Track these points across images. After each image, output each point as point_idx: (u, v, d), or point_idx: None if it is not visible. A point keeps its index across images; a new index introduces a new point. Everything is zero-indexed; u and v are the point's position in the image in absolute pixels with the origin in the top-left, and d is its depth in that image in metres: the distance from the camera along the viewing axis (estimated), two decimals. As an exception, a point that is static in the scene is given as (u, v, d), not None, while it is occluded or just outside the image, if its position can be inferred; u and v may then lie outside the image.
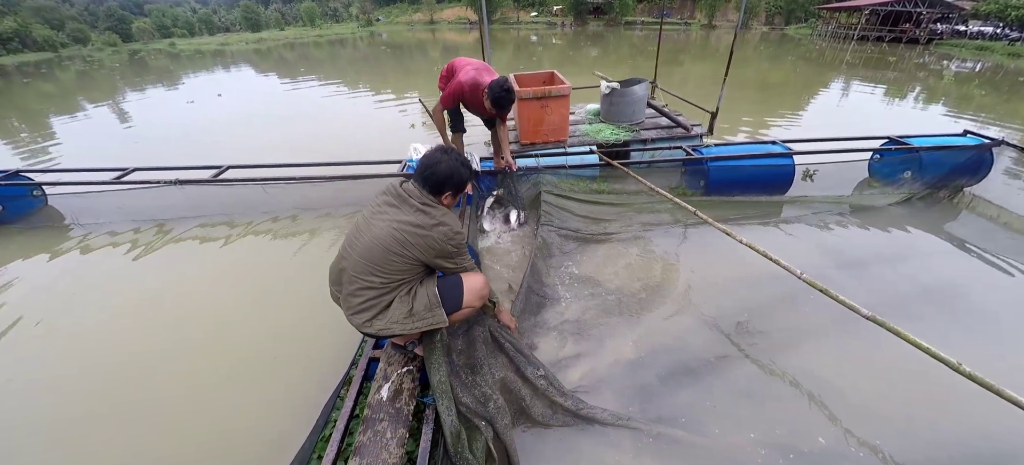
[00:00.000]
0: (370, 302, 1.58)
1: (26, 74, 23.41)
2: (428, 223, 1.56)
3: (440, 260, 1.65)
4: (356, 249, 1.59)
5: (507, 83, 2.79)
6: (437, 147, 1.68)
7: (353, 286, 1.59)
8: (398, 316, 1.60)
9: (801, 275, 2.13)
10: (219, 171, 3.96)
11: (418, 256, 1.58)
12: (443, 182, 1.62)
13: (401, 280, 1.61)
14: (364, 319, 1.60)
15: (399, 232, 1.54)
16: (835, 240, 3.38)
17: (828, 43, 24.66)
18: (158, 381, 2.32)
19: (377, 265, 1.55)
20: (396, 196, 1.62)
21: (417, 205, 1.58)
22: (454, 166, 1.63)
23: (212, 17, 60.31)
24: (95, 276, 3.31)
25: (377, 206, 1.65)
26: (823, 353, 2.26)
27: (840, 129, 4.84)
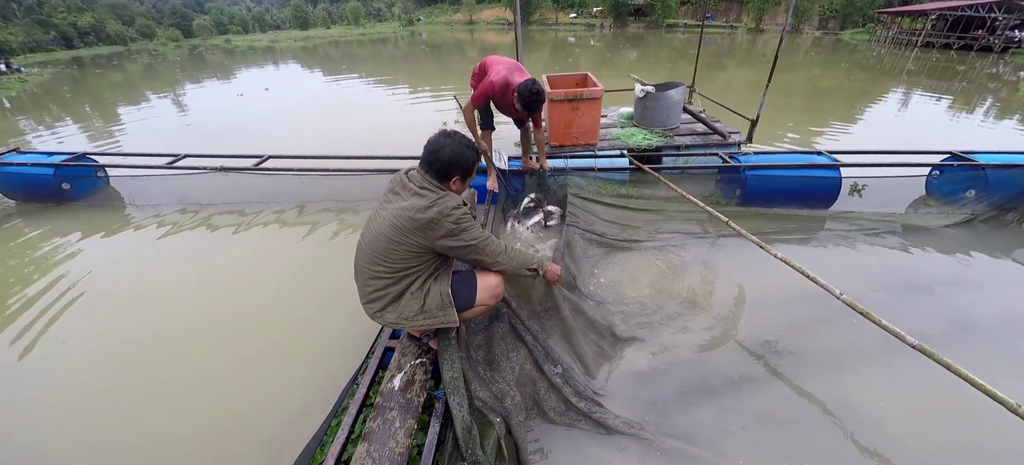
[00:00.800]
0: (379, 292, 1.59)
1: (99, 65, 25.54)
2: (422, 205, 1.50)
3: (444, 241, 1.56)
4: (365, 240, 1.61)
5: (536, 85, 2.76)
6: (440, 131, 1.61)
7: (363, 276, 1.61)
8: (409, 312, 1.60)
9: (841, 295, 2.00)
10: (260, 160, 4.16)
11: (419, 241, 1.53)
12: (449, 166, 1.56)
13: (407, 269, 1.58)
14: (375, 308, 1.62)
15: (397, 219, 1.51)
16: (884, 261, 3.14)
17: (888, 49, 23.07)
18: (189, 358, 2.46)
19: (382, 255, 1.55)
20: (400, 185, 1.60)
21: (415, 189, 1.55)
22: (458, 149, 1.57)
23: (265, 15, 63.63)
24: (145, 254, 3.55)
25: (384, 198, 1.64)
26: (861, 382, 2.10)
27: (895, 142, 4.51)
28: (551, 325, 1.99)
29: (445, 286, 1.65)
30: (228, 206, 4.22)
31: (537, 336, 1.96)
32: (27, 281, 3.18)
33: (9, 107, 12.40)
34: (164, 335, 2.63)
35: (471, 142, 1.62)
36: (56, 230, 3.91)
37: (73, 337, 2.62)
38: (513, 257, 1.75)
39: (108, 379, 2.33)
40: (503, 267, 1.74)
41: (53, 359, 2.46)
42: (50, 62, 30.26)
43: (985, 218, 3.64)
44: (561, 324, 2.05)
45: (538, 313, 1.93)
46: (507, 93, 2.91)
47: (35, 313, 2.82)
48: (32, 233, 3.89)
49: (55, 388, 2.28)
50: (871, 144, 4.34)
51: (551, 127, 4.16)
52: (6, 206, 4.36)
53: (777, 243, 3.40)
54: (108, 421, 2.09)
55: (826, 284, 2.06)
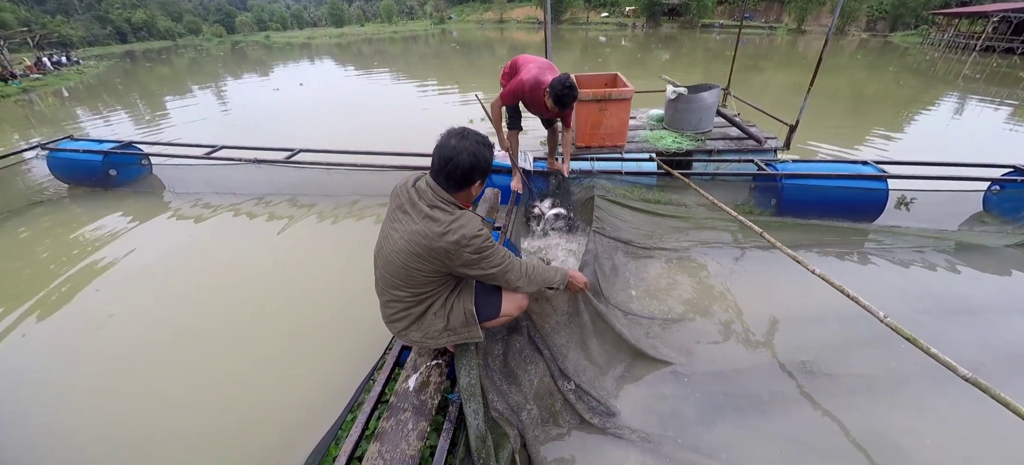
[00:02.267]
0: (402, 313, 1.54)
1: (149, 59, 27.03)
2: (435, 232, 1.35)
3: (463, 269, 1.45)
4: (380, 260, 1.52)
5: (569, 79, 2.70)
6: (448, 133, 1.42)
7: (384, 297, 1.55)
8: (434, 330, 1.55)
9: (884, 318, 1.85)
10: (291, 153, 4.28)
11: (438, 267, 1.43)
12: (469, 172, 1.39)
13: (428, 291, 1.51)
14: (399, 328, 1.57)
15: (411, 245, 1.38)
16: (932, 282, 2.92)
17: (941, 53, 21.62)
18: (217, 344, 2.54)
19: (399, 279, 1.46)
20: (408, 201, 1.43)
21: (426, 210, 1.38)
22: (475, 150, 1.39)
23: (302, 13, 65.80)
24: (181, 239, 3.71)
25: (391, 213, 1.50)
26: (902, 412, 1.95)
27: (948, 153, 4.20)
28: (571, 332, 1.94)
29: (469, 303, 1.58)
30: (260, 196, 4.37)
31: (554, 352, 1.91)
32: (66, 260, 3.38)
33: (68, 97, 13.30)
34: (195, 321, 2.73)
35: (485, 139, 1.46)
36: (100, 212, 4.15)
37: (113, 312, 2.76)
38: (535, 277, 1.65)
39: (139, 360, 2.44)
40: (525, 289, 1.65)
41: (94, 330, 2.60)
42: (106, 55, 32.32)
43: (1051, 239, 3.34)
44: (581, 330, 2.00)
45: (560, 322, 1.87)
46: (537, 91, 2.86)
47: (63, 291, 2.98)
48: (81, 214, 4.14)
49: (92, 356, 2.41)
50: (921, 155, 4.04)
51: (578, 127, 4.09)
52: (59, 189, 4.65)
53: (813, 256, 3.22)
54: (134, 404, 2.18)
55: (868, 304, 1.92)
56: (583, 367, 1.95)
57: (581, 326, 2.00)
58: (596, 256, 2.40)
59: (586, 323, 2.00)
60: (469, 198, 1.51)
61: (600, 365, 1.96)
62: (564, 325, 1.87)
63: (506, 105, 3.09)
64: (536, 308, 1.85)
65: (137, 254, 3.47)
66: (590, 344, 1.98)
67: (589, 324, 2.01)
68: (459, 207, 1.45)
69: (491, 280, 1.55)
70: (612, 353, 2.06)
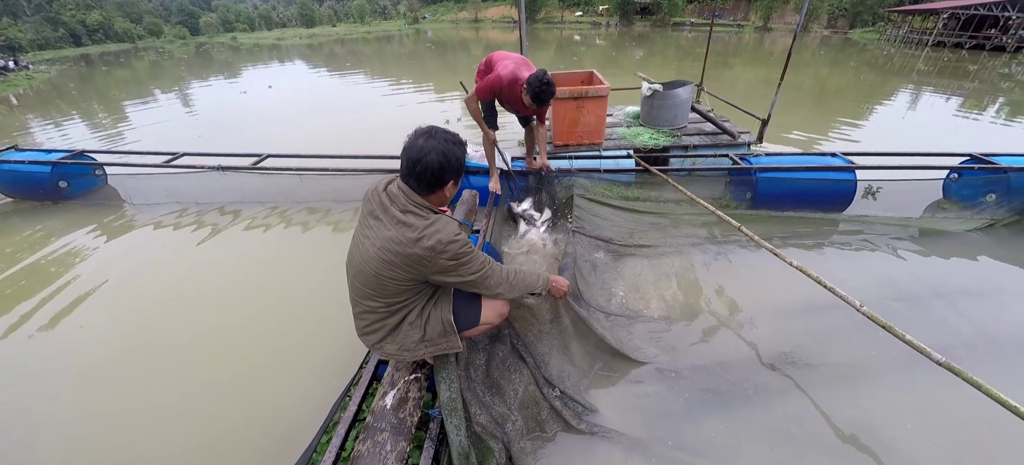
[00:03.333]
0: (376, 325, 1.45)
1: (107, 63, 25.69)
2: (408, 238, 1.28)
3: (439, 277, 1.38)
4: (352, 269, 1.43)
5: (546, 76, 2.66)
6: (415, 133, 1.35)
7: (356, 308, 1.47)
8: (410, 342, 1.47)
9: (861, 308, 1.88)
10: (259, 159, 4.09)
11: (412, 275, 1.35)
12: (440, 172, 1.31)
13: (403, 301, 1.43)
14: (373, 341, 1.49)
15: (383, 253, 1.30)
16: (902, 268, 3.02)
17: (898, 49, 22.69)
18: (179, 365, 2.38)
19: (372, 289, 1.38)
20: (379, 206, 1.35)
21: (398, 215, 1.30)
22: (445, 148, 1.31)
23: (271, 13, 63.90)
24: (139, 255, 3.48)
25: (363, 219, 1.42)
26: (882, 399, 1.99)
27: (906, 143, 4.37)
28: (553, 338, 1.89)
29: (446, 312, 1.50)
30: (226, 206, 4.15)
31: (538, 359, 1.86)
32: (17, 283, 3.13)
33: (17, 104, 12.47)
34: (157, 340, 2.56)
35: (456, 137, 1.38)
36: (51, 229, 3.86)
37: (65, 339, 2.56)
38: (516, 283, 1.58)
39: (95, 385, 2.26)
40: (506, 296, 1.59)
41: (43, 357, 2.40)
42: (58, 59, 30.54)
43: (1006, 223, 3.50)
44: (562, 335, 1.95)
45: (542, 329, 1.82)
46: (515, 88, 2.81)
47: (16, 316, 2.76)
48: (27, 231, 3.84)
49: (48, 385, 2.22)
50: (881, 145, 4.19)
51: (555, 126, 4.06)
52: (2, 204, 4.31)
53: (790, 248, 3.27)
54: (93, 432, 2.02)
55: (845, 295, 1.95)
56: (567, 372, 1.90)
57: (562, 330, 1.96)
58: (576, 259, 2.36)
59: (567, 327, 1.96)
60: (443, 200, 1.43)
61: (583, 368, 1.92)
62: (546, 332, 1.82)
63: (482, 99, 3.03)
64: (518, 314, 1.80)
65: (91, 271, 3.23)
66: (572, 348, 1.94)
67: (570, 328, 1.97)
68: (433, 211, 1.37)
69: (470, 288, 1.47)
70: (593, 352, 2.02)
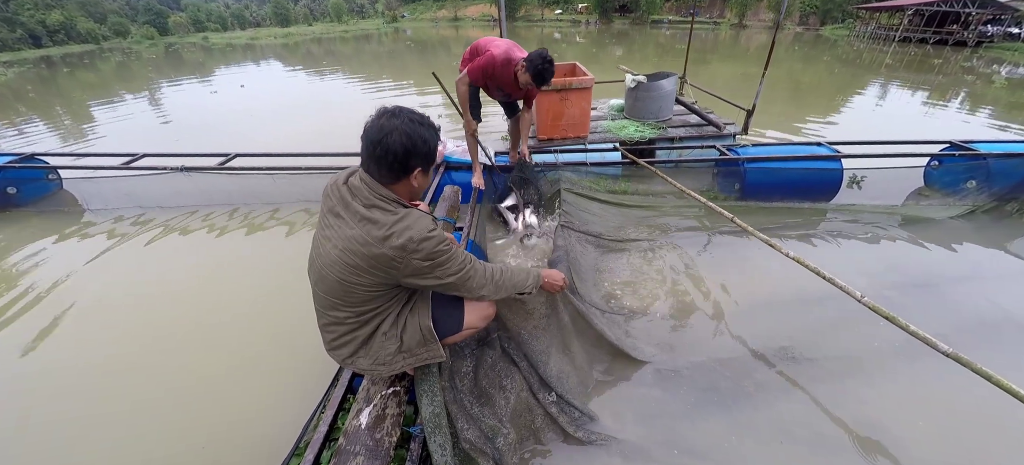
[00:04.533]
0: (345, 337, 1.28)
1: (69, 64, 24.49)
2: (375, 236, 1.10)
3: (413, 280, 1.20)
4: (313, 276, 1.25)
5: (548, 53, 2.54)
6: (378, 112, 1.17)
7: (321, 320, 1.29)
8: (385, 355, 1.30)
9: (862, 298, 1.82)
10: (226, 159, 3.84)
11: (381, 279, 1.17)
12: (404, 156, 1.13)
13: (374, 309, 1.25)
14: (344, 356, 1.31)
15: (346, 255, 1.12)
16: (890, 257, 3.00)
17: (866, 45, 23.40)
18: (138, 380, 2.17)
19: (336, 297, 1.20)
20: (340, 201, 1.17)
21: (362, 211, 1.13)
22: (411, 129, 1.13)
23: (244, 12, 62.14)
24: (97, 264, 3.21)
25: (323, 218, 1.23)
26: (886, 393, 1.92)
27: (879, 134, 4.40)
28: (551, 336, 1.76)
29: (425, 317, 1.33)
30: (192, 209, 3.89)
31: (533, 361, 1.72)
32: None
33: (-34, 108, 11.69)
34: (116, 354, 2.33)
35: (426, 119, 1.20)
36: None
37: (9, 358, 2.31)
38: (503, 283, 1.40)
39: (49, 403, 2.03)
40: (491, 297, 1.41)
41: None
42: (17, 61, 28.97)
43: (986, 209, 3.54)
44: (561, 332, 1.82)
45: (537, 326, 1.68)
46: (508, 68, 2.68)
47: None
48: (-30, 242, 3.52)
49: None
50: (855, 136, 4.22)
51: (539, 119, 3.94)
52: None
53: (780, 238, 3.23)
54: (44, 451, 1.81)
55: (845, 285, 1.88)
56: (566, 373, 1.77)
57: (561, 327, 1.82)
58: (567, 252, 2.24)
59: (566, 323, 1.82)
60: (411, 191, 1.25)
61: (583, 367, 1.78)
62: (542, 329, 1.68)
63: (474, 83, 2.89)
64: (508, 313, 1.65)
65: (41, 285, 2.95)
66: (572, 346, 1.81)
67: (569, 324, 1.83)
68: (403, 204, 1.20)
69: (449, 290, 1.30)
70: (592, 352, 1.90)
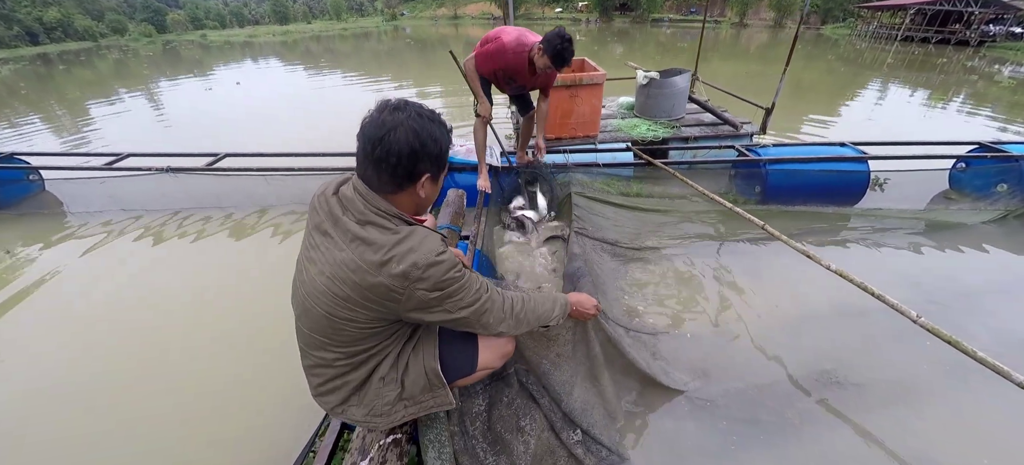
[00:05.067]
0: (333, 383, 1.06)
1: (66, 62, 24.21)
2: (370, 261, 0.88)
3: (418, 315, 0.98)
4: (296, 307, 1.04)
5: (565, 31, 2.32)
6: (379, 105, 0.94)
7: (306, 361, 1.09)
8: (383, 403, 1.09)
9: (918, 319, 1.62)
10: (215, 159, 3.63)
11: (378, 313, 0.95)
12: (411, 160, 0.91)
13: (370, 350, 1.03)
14: (333, 403, 1.09)
15: (335, 284, 0.91)
16: (924, 265, 2.79)
17: (868, 44, 23.24)
18: (111, 408, 1.96)
19: (323, 335, 0.99)
20: (329, 216, 0.95)
21: (354, 229, 0.91)
22: (418, 125, 0.90)
23: (243, 9, 61.82)
24: (76, 271, 2.99)
25: (308, 235, 1.01)
26: (945, 425, 1.71)
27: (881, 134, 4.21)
28: (577, 364, 1.53)
29: (431, 358, 1.11)
30: (179, 212, 3.66)
31: (555, 395, 1.50)
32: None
33: (-46, 105, 11.43)
34: (89, 373, 2.12)
35: (436, 114, 0.97)
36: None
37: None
38: (525, 315, 1.17)
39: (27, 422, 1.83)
40: (512, 333, 1.18)
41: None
42: (13, 58, 28.68)
43: (1019, 214, 3.35)
44: (588, 361, 1.60)
45: (562, 353, 1.46)
46: (521, 55, 2.49)
47: None
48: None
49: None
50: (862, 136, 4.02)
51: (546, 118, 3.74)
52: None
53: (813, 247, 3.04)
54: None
55: (897, 303, 1.69)
56: (591, 405, 1.54)
57: (591, 357, 1.60)
58: (587, 261, 2.02)
59: (597, 354, 1.60)
60: (417, 204, 1.01)
61: (611, 399, 1.57)
62: (567, 357, 1.46)
63: (482, 72, 2.69)
64: (527, 340, 1.43)
65: (10, 295, 2.75)
66: (602, 377, 1.58)
67: (599, 354, 1.61)
68: (406, 220, 0.97)
69: (462, 326, 1.07)
70: (620, 380, 1.69)
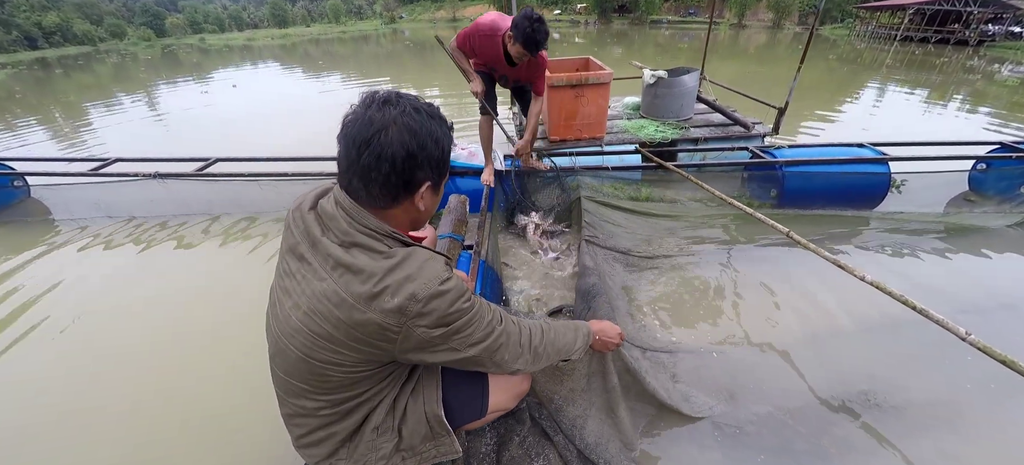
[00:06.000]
0: (316, 433, 0.88)
1: (63, 66, 24.13)
2: (358, 293, 0.72)
3: (417, 356, 0.81)
4: (270, 345, 0.86)
5: (534, 12, 2.16)
6: (365, 100, 0.76)
7: (284, 409, 0.91)
8: (377, 457, 0.91)
9: (967, 336, 1.47)
10: (205, 164, 3.47)
11: (368, 354, 0.78)
12: (406, 167, 0.74)
13: (360, 397, 0.87)
14: (317, 456, 0.91)
15: (314, 321, 0.73)
16: (955, 272, 2.63)
17: (867, 44, 23.15)
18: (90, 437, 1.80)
19: (302, 382, 0.81)
20: (305, 236, 0.78)
21: (337, 253, 0.74)
22: (415, 122, 0.74)
23: (241, 13, 61.82)
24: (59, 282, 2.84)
25: (281, 260, 0.83)
26: (997, 450, 1.56)
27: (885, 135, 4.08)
28: (592, 396, 1.36)
29: (433, 403, 0.95)
30: (168, 220, 3.50)
31: (569, 432, 1.34)
32: None
33: (-53, 110, 11.28)
34: (62, 399, 1.97)
35: (434, 108, 0.80)
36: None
37: None
38: (544, 350, 1.01)
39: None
40: (529, 369, 1.01)
41: None
42: (12, 63, 28.62)
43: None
44: (605, 394, 1.43)
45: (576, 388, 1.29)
46: (494, 40, 2.36)
47: None
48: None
49: None
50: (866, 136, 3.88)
51: (550, 118, 3.60)
52: None
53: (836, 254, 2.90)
54: None
55: (943, 319, 1.53)
56: (607, 437, 1.39)
57: (608, 390, 1.43)
58: (601, 275, 1.86)
59: (615, 386, 1.43)
60: (414, 219, 0.85)
61: (627, 430, 1.40)
62: (581, 391, 1.31)
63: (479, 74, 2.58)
64: (540, 377, 1.28)
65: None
66: (618, 409, 1.41)
67: (618, 386, 1.43)
68: (401, 241, 0.81)
69: (471, 365, 0.90)
70: (636, 406, 1.52)
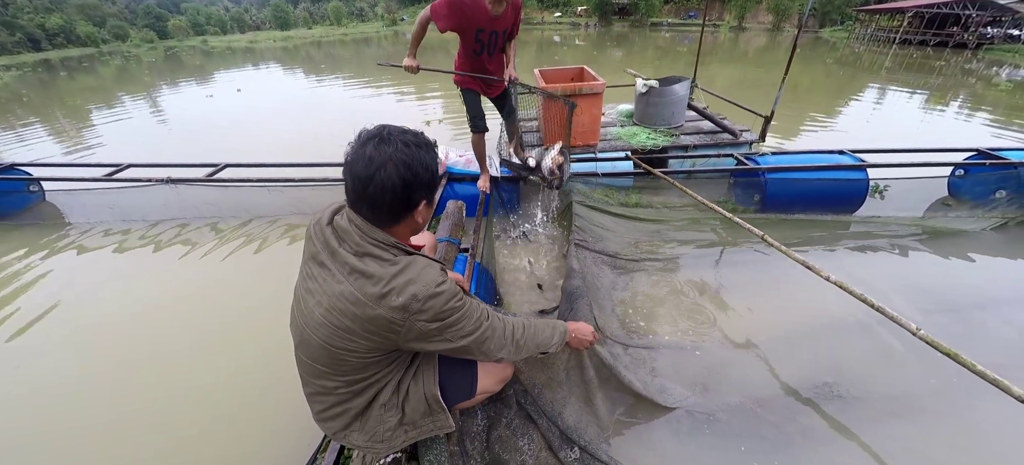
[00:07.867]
0: (334, 409, 1.08)
1: (67, 68, 24.32)
2: (369, 294, 0.91)
3: (418, 344, 1.01)
4: (295, 336, 1.06)
5: None
6: (360, 138, 0.94)
7: (307, 388, 1.11)
8: (384, 429, 1.12)
9: (917, 331, 1.62)
10: (215, 170, 3.63)
11: (377, 343, 0.97)
12: (405, 194, 0.93)
13: (370, 378, 1.06)
14: (335, 428, 1.12)
15: (334, 315, 0.93)
16: (927, 273, 2.79)
17: (866, 47, 23.29)
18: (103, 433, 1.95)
19: (324, 365, 1.01)
20: (325, 247, 0.97)
21: (352, 261, 0.93)
22: (407, 158, 0.91)
23: (244, 15, 62.09)
24: (73, 283, 2.99)
25: (305, 265, 1.03)
26: (949, 438, 1.70)
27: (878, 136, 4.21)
28: (571, 385, 1.54)
29: (431, 385, 1.14)
30: (179, 223, 3.66)
31: (551, 415, 1.51)
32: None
33: (-44, 113, 11.46)
34: (85, 385, 2.12)
35: (421, 136, 0.97)
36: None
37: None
38: (524, 342, 1.21)
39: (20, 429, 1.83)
40: (511, 359, 1.24)
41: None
42: (15, 65, 28.80)
43: (1019, 221, 3.35)
44: (583, 386, 1.61)
45: (554, 376, 1.47)
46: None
47: None
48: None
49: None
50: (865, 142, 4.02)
51: (546, 126, 3.75)
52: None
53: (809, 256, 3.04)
54: None
55: (897, 316, 1.68)
56: (585, 422, 1.56)
57: (585, 382, 1.61)
58: (585, 278, 2.02)
59: (591, 378, 1.61)
60: (414, 229, 1.05)
61: (604, 416, 1.57)
62: (561, 380, 1.48)
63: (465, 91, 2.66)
64: (523, 366, 1.45)
65: (11, 301, 2.74)
66: (595, 399, 1.59)
67: (594, 379, 1.62)
68: (404, 250, 0.99)
69: (462, 354, 1.11)
70: (614, 395, 1.69)
